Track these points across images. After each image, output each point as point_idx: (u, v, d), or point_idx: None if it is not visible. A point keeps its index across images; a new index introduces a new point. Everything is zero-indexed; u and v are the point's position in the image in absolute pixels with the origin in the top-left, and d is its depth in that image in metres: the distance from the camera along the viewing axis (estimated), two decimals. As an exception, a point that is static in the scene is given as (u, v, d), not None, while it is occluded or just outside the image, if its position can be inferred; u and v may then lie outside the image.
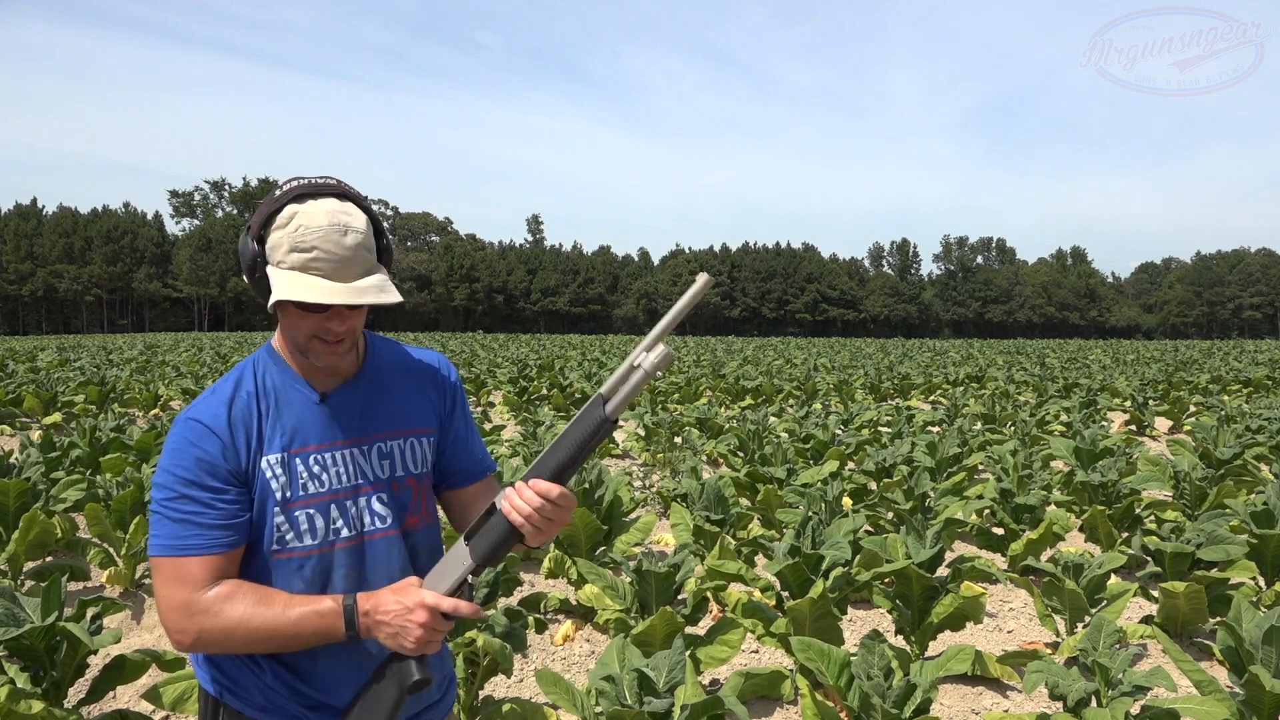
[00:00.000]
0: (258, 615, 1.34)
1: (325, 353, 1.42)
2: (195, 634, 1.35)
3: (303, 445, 1.45)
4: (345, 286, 1.35)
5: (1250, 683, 2.95)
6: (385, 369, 1.57)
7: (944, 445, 8.05)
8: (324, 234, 1.35)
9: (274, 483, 1.42)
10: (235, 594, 1.36)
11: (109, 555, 5.31)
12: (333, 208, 1.38)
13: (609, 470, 6.05)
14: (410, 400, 1.57)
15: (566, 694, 2.99)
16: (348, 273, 1.36)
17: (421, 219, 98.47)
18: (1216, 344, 62.38)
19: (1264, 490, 6.09)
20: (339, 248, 1.35)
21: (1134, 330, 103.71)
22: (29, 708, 2.77)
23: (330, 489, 1.45)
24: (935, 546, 4.09)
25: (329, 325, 1.39)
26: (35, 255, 78.56)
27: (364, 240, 1.38)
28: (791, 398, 16.96)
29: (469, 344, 41.98)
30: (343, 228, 1.36)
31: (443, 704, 1.64)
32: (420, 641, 1.33)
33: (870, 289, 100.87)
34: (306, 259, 1.35)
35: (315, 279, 1.35)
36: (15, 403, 12.97)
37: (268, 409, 1.45)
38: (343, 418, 1.49)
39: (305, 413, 1.47)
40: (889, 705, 2.75)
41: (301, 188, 1.39)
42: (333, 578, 1.45)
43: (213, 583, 1.36)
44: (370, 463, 1.49)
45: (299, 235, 1.35)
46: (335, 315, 1.39)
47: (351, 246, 1.36)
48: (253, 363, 1.50)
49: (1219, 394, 17.88)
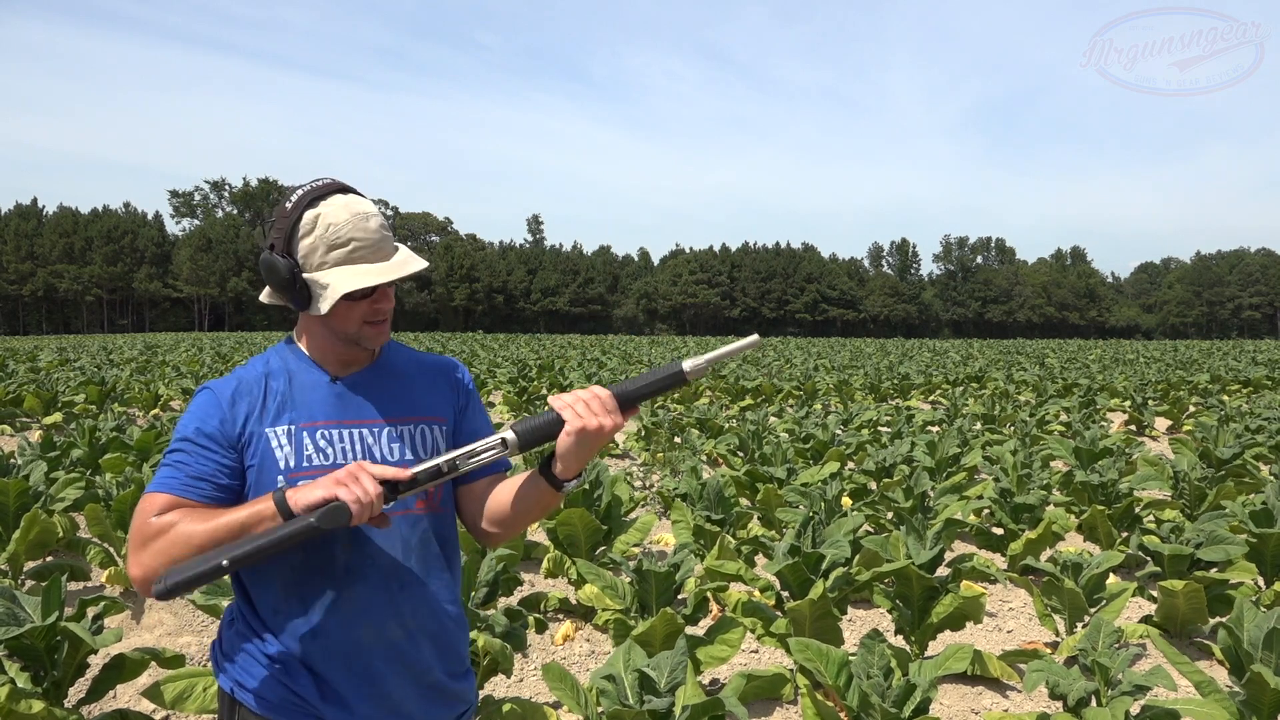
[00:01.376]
0: (203, 520, 1.34)
1: (376, 334, 1.52)
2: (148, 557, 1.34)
3: (310, 420, 1.50)
4: (390, 264, 1.47)
5: (1250, 683, 2.95)
6: (399, 362, 1.64)
7: (944, 445, 8.05)
8: (353, 225, 1.45)
9: (278, 451, 1.46)
10: (183, 513, 1.37)
11: (109, 555, 5.31)
12: (345, 201, 1.47)
13: (609, 470, 6.05)
14: (422, 390, 1.62)
15: (572, 690, 2.98)
16: (386, 252, 1.48)
17: (421, 219, 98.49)
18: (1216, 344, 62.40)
19: (1263, 490, 6.09)
20: (370, 233, 1.46)
21: (1134, 330, 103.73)
22: (29, 707, 2.77)
23: (334, 463, 1.47)
24: (935, 546, 4.09)
25: (379, 306, 1.49)
26: (35, 255, 78.57)
27: (382, 220, 1.50)
28: (791, 398, 16.97)
29: (469, 344, 41.98)
30: (364, 215, 1.46)
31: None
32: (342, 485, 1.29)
33: (870, 289, 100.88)
34: (347, 252, 1.45)
35: (363, 266, 1.45)
36: (15, 403, 12.97)
37: (280, 386, 1.52)
38: (355, 400, 1.54)
39: (317, 393, 1.53)
40: (889, 705, 2.75)
41: (310, 193, 1.47)
42: (335, 550, 1.47)
43: (162, 512, 1.38)
44: (380, 444, 1.53)
45: (330, 234, 1.44)
46: (383, 294, 1.50)
47: (378, 229, 1.48)
48: (272, 351, 1.59)
49: (1218, 394, 17.88)
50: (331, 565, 1.47)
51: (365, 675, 1.48)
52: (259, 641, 1.48)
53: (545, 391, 16.40)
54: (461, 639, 1.62)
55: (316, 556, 1.46)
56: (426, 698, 1.54)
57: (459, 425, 1.65)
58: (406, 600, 1.51)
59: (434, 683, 1.55)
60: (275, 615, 1.47)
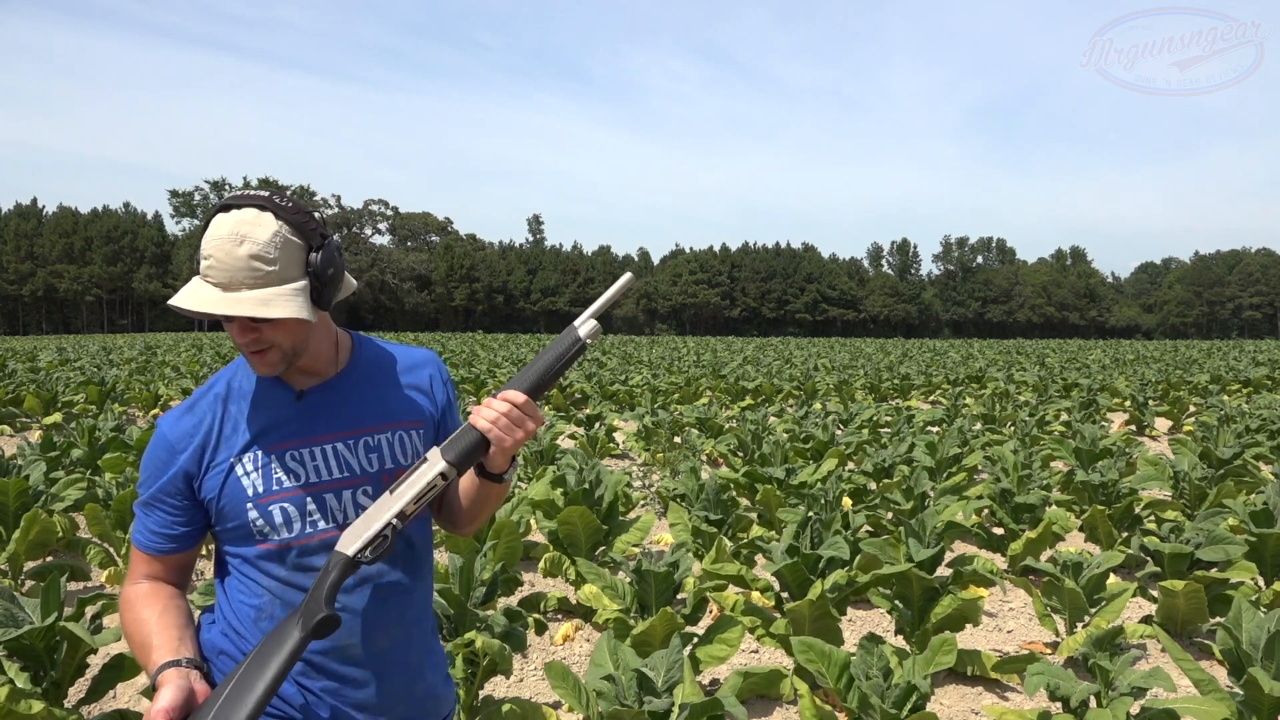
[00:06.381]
0: (139, 626, 1.44)
1: (255, 363, 1.41)
2: (122, 621, 1.48)
3: (279, 442, 1.46)
4: (224, 296, 1.32)
5: (1250, 683, 2.95)
6: (370, 366, 1.57)
7: (944, 445, 8.05)
8: (219, 243, 1.32)
9: (245, 479, 1.44)
10: (139, 601, 1.47)
11: (109, 555, 5.31)
12: (244, 218, 1.34)
13: (608, 470, 6.05)
14: (398, 394, 1.57)
15: (574, 688, 2.98)
16: (236, 283, 1.32)
17: (421, 219, 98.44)
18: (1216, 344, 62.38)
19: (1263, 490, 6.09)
20: (230, 257, 1.31)
21: (1134, 330, 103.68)
22: (29, 707, 2.77)
23: (306, 483, 1.45)
24: (935, 547, 4.09)
25: (235, 335, 1.38)
26: (35, 255, 78.59)
27: (261, 252, 1.32)
28: (791, 398, 16.96)
29: (469, 344, 41.97)
30: (239, 237, 1.32)
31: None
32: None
33: (870, 289, 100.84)
34: (204, 266, 1.34)
35: (206, 286, 1.33)
36: (15, 403, 12.97)
37: (239, 410, 1.47)
38: (323, 414, 1.49)
39: (281, 411, 1.48)
40: (888, 705, 2.75)
41: (230, 199, 1.37)
42: (318, 560, 1.46)
43: (143, 579, 1.49)
44: (357, 456, 1.49)
45: (203, 243, 1.35)
46: (239, 327, 1.37)
47: (243, 257, 1.31)
48: (233, 368, 1.53)
49: (1219, 394, 17.87)
50: (314, 577, 1.45)
51: (350, 681, 1.48)
52: (242, 642, 1.47)
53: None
54: (438, 644, 1.65)
55: (303, 567, 1.46)
56: (412, 703, 1.55)
57: (440, 425, 1.62)
58: (392, 608, 1.52)
59: (419, 688, 1.57)
60: (259, 621, 1.47)
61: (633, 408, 14.62)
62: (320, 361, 1.50)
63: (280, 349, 1.40)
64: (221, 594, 1.52)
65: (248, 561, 1.47)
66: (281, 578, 1.46)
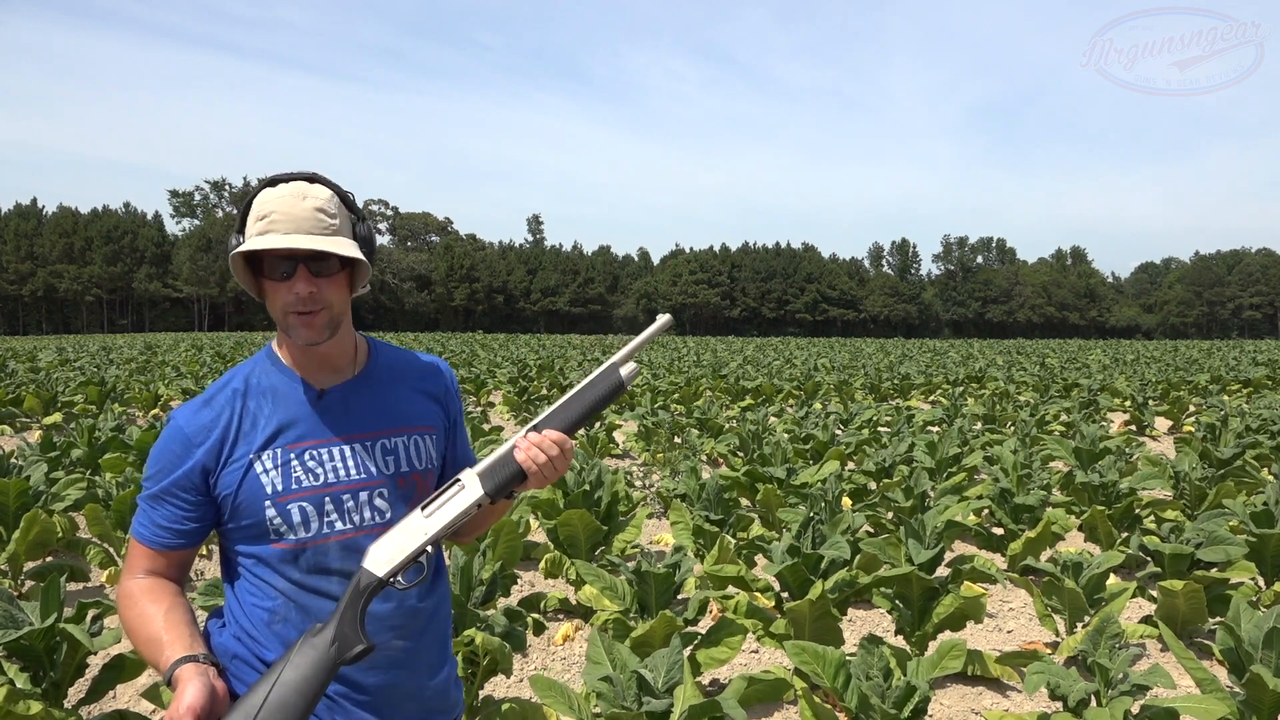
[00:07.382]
0: (143, 622, 1.40)
1: (302, 326, 1.41)
2: (121, 614, 1.45)
3: (298, 440, 1.45)
4: (301, 235, 1.36)
5: (1250, 683, 2.95)
6: (387, 369, 1.58)
7: (944, 445, 8.05)
8: (282, 199, 1.37)
9: (264, 477, 1.43)
10: (142, 595, 1.43)
11: (109, 555, 5.31)
12: (299, 186, 1.40)
13: (608, 470, 6.05)
14: (414, 398, 1.58)
15: (562, 697, 2.98)
16: (305, 230, 1.37)
17: (421, 219, 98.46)
18: (1216, 344, 62.36)
19: (1264, 490, 6.09)
20: (296, 208, 1.36)
21: (1134, 330, 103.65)
22: (28, 708, 2.77)
23: (325, 483, 1.45)
24: (935, 547, 4.09)
25: (296, 290, 1.38)
26: (35, 255, 78.57)
27: (324, 206, 1.39)
28: (791, 398, 16.96)
29: (469, 344, 41.97)
30: (302, 194, 1.38)
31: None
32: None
33: (870, 289, 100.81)
34: (265, 224, 1.36)
35: (272, 235, 1.36)
36: (15, 403, 12.97)
37: (258, 407, 1.46)
38: (343, 414, 1.49)
39: (302, 409, 1.47)
40: (888, 706, 2.75)
41: (275, 176, 1.42)
42: (329, 568, 1.46)
43: (143, 574, 1.46)
44: (374, 459, 1.49)
45: (259, 208, 1.38)
46: (301, 278, 1.38)
47: (309, 208, 1.37)
48: (250, 364, 1.52)
49: (1219, 394, 17.87)
50: (329, 580, 1.46)
51: (363, 687, 1.48)
52: (256, 646, 1.47)
53: (545, 392, 16.40)
54: (450, 646, 1.65)
55: (317, 569, 1.46)
56: (423, 706, 1.56)
57: (449, 448, 1.64)
58: (404, 612, 1.52)
59: (430, 691, 1.57)
60: (272, 624, 1.46)
61: (633, 408, 14.62)
62: (344, 356, 1.51)
63: (330, 312, 1.43)
64: (231, 597, 1.51)
65: (260, 562, 1.45)
66: (295, 579, 1.45)
